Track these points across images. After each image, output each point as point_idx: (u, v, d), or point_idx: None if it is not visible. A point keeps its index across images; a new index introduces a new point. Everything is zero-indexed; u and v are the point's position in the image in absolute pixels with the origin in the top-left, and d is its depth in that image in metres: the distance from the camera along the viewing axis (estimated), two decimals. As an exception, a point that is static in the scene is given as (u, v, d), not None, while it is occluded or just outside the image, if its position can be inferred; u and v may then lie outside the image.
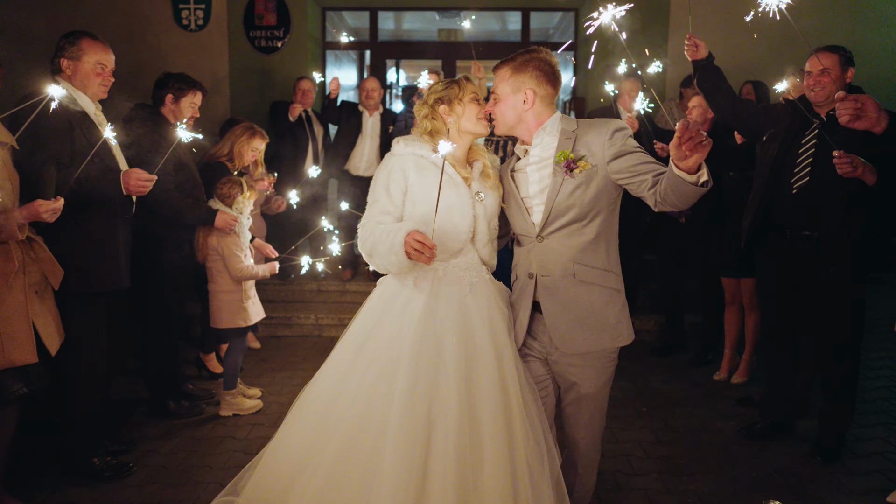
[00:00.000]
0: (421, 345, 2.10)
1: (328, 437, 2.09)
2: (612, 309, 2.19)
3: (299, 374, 4.44)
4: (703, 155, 1.79)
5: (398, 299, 2.21)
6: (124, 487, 2.93)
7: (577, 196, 2.11)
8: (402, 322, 2.15)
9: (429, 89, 2.34)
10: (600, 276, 2.18)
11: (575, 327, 2.17)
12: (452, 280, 2.22)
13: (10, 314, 2.42)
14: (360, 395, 2.09)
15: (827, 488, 2.93)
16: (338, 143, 5.71)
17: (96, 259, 2.89)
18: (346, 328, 2.32)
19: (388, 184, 2.22)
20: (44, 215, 2.41)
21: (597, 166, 2.11)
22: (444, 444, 1.98)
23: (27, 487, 2.82)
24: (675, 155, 1.82)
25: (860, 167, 2.68)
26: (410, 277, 2.22)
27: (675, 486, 2.97)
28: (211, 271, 3.79)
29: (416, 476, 1.93)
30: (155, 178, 2.96)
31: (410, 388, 2.03)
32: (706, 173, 1.87)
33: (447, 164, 2.18)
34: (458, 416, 2.01)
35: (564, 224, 2.15)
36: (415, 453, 1.96)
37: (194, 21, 7.21)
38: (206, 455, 3.25)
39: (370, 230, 2.19)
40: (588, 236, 2.15)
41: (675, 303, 4.90)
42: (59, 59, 2.94)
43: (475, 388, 2.08)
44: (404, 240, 2.03)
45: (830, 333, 3.16)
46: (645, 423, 3.66)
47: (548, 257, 2.19)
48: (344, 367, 2.20)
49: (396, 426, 1.99)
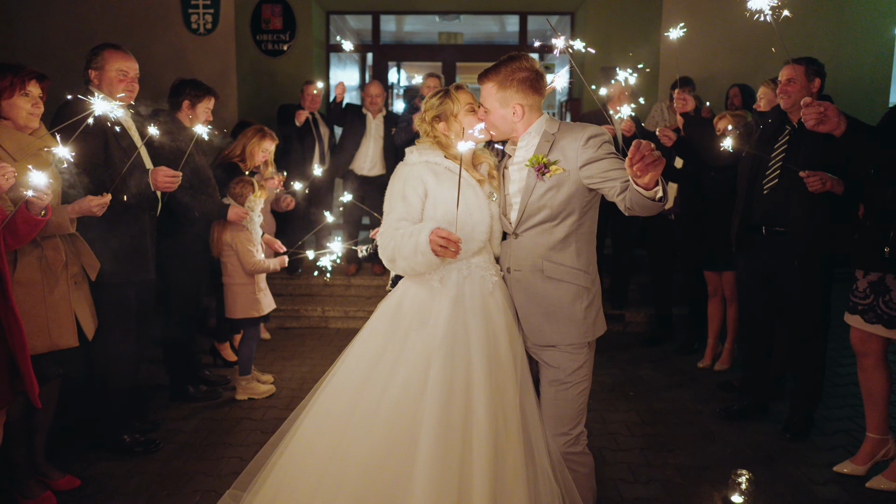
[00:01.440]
0: (453, 341, 2.15)
1: (354, 442, 2.10)
2: (580, 305, 2.26)
3: (308, 362, 4.72)
4: (656, 173, 1.84)
5: (423, 300, 2.25)
6: (153, 461, 3.21)
7: (549, 198, 2.21)
8: (432, 322, 2.20)
9: (425, 104, 2.40)
10: (569, 273, 2.25)
11: (543, 320, 2.27)
12: (476, 279, 2.28)
13: (57, 302, 2.70)
14: (388, 400, 2.12)
15: (793, 461, 3.21)
16: (343, 144, 5.98)
17: (126, 252, 3.16)
18: (364, 327, 2.36)
19: (404, 191, 2.28)
20: (94, 209, 2.69)
21: (569, 171, 2.18)
22: (479, 451, 2.02)
23: (64, 461, 3.09)
24: (629, 173, 1.87)
25: (828, 182, 2.97)
26: (435, 278, 2.26)
27: (656, 459, 3.25)
28: (225, 265, 4.06)
29: (454, 482, 1.98)
30: (180, 175, 3.22)
31: (444, 394, 2.07)
32: (661, 190, 1.94)
33: (461, 168, 2.24)
34: (492, 419, 2.07)
35: (536, 223, 2.25)
36: (451, 464, 1.99)
37: (203, 25, 7.46)
38: (225, 433, 3.53)
39: (389, 237, 2.22)
40: (558, 236, 2.24)
41: (663, 296, 5.18)
42: (87, 71, 3.20)
43: (502, 391, 2.15)
44: (429, 238, 2.04)
45: (799, 322, 3.43)
46: (631, 405, 3.94)
47: (520, 253, 2.30)
48: (366, 367, 2.23)
49: (430, 434, 2.02)
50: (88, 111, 2.39)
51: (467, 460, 2.03)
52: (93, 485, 2.97)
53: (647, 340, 5.19)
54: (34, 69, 2.63)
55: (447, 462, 2.00)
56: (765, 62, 5.95)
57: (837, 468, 3.09)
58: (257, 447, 3.27)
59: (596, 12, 7.45)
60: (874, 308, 2.97)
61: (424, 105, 2.41)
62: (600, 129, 2.22)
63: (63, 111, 3.00)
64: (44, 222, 2.41)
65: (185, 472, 3.10)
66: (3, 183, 2.19)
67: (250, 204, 4.02)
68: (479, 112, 2.34)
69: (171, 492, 2.94)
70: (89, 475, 3.03)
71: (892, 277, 2.90)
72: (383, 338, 2.27)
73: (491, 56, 11.32)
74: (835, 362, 4.57)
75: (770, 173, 3.35)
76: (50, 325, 2.68)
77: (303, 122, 5.71)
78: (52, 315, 2.69)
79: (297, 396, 4.06)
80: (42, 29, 7.30)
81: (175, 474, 3.09)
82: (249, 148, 4.35)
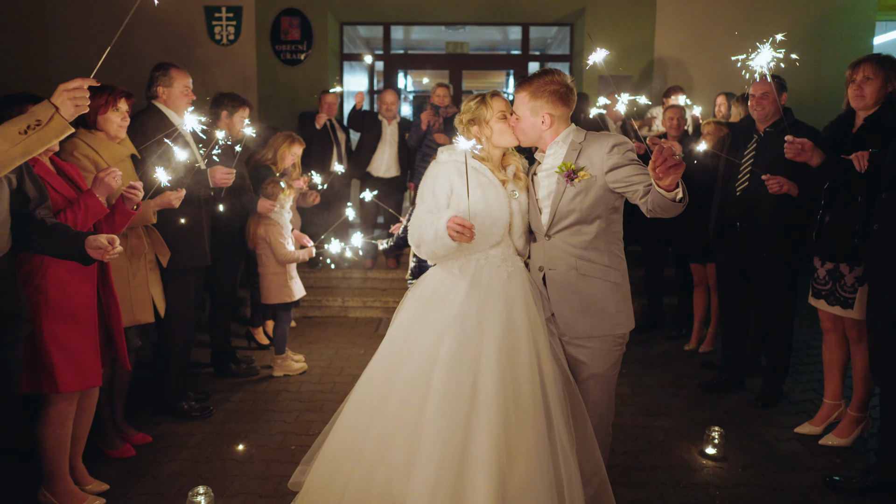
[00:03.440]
0: (465, 318, 2.35)
1: (388, 396, 2.38)
2: (612, 300, 2.44)
3: (332, 345, 5.23)
4: (677, 176, 2.01)
5: (444, 285, 2.48)
6: (209, 423, 3.72)
7: (578, 202, 2.39)
8: (448, 302, 2.42)
9: (463, 107, 2.62)
10: (601, 270, 2.43)
11: (577, 315, 2.44)
12: (492, 268, 2.47)
13: (138, 284, 3.21)
14: (406, 372, 2.37)
15: (762, 424, 3.72)
16: (361, 148, 6.51)
17: (188, 241, 3.65)
18: (398, 310, 2.61)
19: (433, 188, 2.50)
20: (174, 202, 3.19)
21: (596, 176, 2.36)
22: (486, 412, 2.20)
23: (134, 423, 3.59)
24: (652, 175, 2.05)
25: (785, 185, 3.47)
26: (456, 266, 2.48)
27: (643, 422, 3.76)
28: (260, 257, 4.57)
29: (458, 442, 2.18)
30: (234, 171, 3.72)
31: (456, 355, 2.28)
32: (682, 191, 2.10)
33: (486, 169, 2.51)
34: (502, 387, 2.23)
35: (567, 225, 2.43)
36: (457, 419, 2.19)
37: (226, 36, 7.97)
38: (268, 403, 4.04)
39: (416, 225, 2.46)
40: (589, 236, 2.41)
41: (655, 287, 5.69)
42: (155, 88, 3.69)
43: (516, 363, 2.31)
44: (446, 225, 2.26)
45: (769, 306, 3.94)
46: (623, 381, 4.44)
47: (554, 253, 2.47)
48: (396, 346, 2.48)
49: (440, 389, 2.24)
50: (171, 128, 2.90)
51: (473, 429, 2.19)
52: (162, 441, 3.48)
53: (641, 328, 5.68)
54: (124, 89, 3.14)
55: (452, 431, 2.18)
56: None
57: (798, 429, 3.60)
58: (297, 413, 3.83)
59: (594, 24, 7.96)
60: (834, 293, 3.47)
61: (464, 107, 2.62)
62: (623, 138, 2.43)
63: (136, 121, 3.49)
64: (136, 215, 2.92)
65: (238, 432, 3.61)
66: (114, 184, 2.70)
67: (280, 202, 4.52)
68: (511, 119, 2.53)
69: (230, 445, 3.45)
70: (157, 434, 3.54)
71: (845, 266, 3.40)
72: (411, 318, 2.51)
73: (495, 66, 11.81)
74: (807, 345, 5.07)
75: (741, 177, 3.86)
76: (133, 303, 3.19)
77: (322, 125, 6.23)
78: (134, 295, 3.20)
79: (326, 373, 4.58)
80: (78, 44, 7.77)
81: (229, 433, 3.60)
82: (280, 152, 4.85)
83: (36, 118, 1.92)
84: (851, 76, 3.22)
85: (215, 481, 3.04)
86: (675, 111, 5.16)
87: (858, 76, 3.17)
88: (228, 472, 3.16)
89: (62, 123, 1.97)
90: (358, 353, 4.93)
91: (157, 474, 3.13)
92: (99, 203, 2.67)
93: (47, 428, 2.65)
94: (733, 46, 2.88)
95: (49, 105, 1.97)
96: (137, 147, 3.33)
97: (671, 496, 2.99)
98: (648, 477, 3.16)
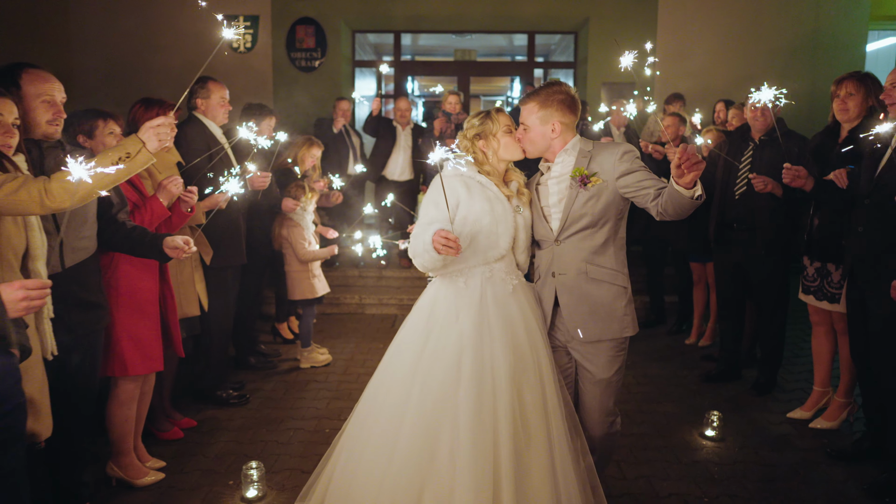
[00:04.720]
0: (480, 340, 2.38)
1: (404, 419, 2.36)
2: (620, 303, 2.52)
3: (353, 340, 5.53)
4: (698, 173, 2.11)
5: (452, 298, 2.49)
6: (247, 409, 4.03)
7: (589, 206, 2.46)
8: (461, 318, 2.43)
9: (467, 123, 2.63)
10: (609, 274, 2.51)
11: (588, 318, 2.50)
12: (497, 281, 2.50)
13: (186, 280, 3.51)
14: (431, 387, 2.36)
15: (757, 410, 4.03)
16: (376, 152, 6.83)
17: (227, 241, 3.95)
18: (404, 324, 2.62)
19: (437, 199, 2.45)
20: (221, 203, 3.50)
21: (607, 182, 2.45)
22: (504, 432, 2.25)
23: (179, 409, 3.89)
24: (674, 173, 2.14)
25: (769, 185, 3.77)
26: (462, 279, 2.50)
27: (648, 409, 4.07)
28: (285, 256, 4.88)
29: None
30: (270, 175, 4.02)
31: (476, 379, 2.30)
32: (700, 189, 2.19)
33: (491, 183, 2.53)
34: (512, 416, 2.27)
35: (578, 230, 2.49)
36: (486, 445, 2.22)
37: (243, 44, 8.29)
38: (298, 391, 4.35)
39: (414, 235, 2.48)
40: (598, 241, 2.49)
41: (656, 285, 6.00)
42: (195, 100, 4.00)
43: (521, 380, 2.36)
44: (432, 238, 2.27)
45: (764, 301, 4.25)
46: (628, 371, 4.72)
47: (564, 258, 2.52)
48: (411, 358, 2.47)
49: (468, 416, 2.26)
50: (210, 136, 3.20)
51: (497, 441, 2.24)
52: (205, 425, 3.78)
53: (643, 325, 5.97)
54: (172, 102, 3.44)
55: (483, 444, 2.21)
56: (746, 81, 6.76)
57: (790, 414, 3.91)
58: (326, 401, 4.11)
59: (596, 31, 8.27)
60: (822, 289, 3.78)
61: (467, 124, 2.64)
62: (630, 145, 2.55)
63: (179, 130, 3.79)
64: (190, 216, 3.22)
65: (275, 417, 3.92)
66: (175, 190, 3.00)
67: (304, 203, 4.82)
68: (518, 131, 2.60)
69: (269, 428, 3.76)
70: (200, 419, 3.85)
71: (832, 264, 3.70)
72: (423, 331, 2.49)
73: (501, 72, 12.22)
74: (800, 339, 5.38)
75: (739, 181, 4.17)
76: (181, 298, 3.49)
77: (339, 129, 6.55)
78: (182, 290, 3.50)
79: (350, 365, 4.88)
80: (101, 55, 8.08)
81: (266, 418, 3.90)
82: (300, 155, 5.15)
83: (126, 151, 2.22)
84: (836, 91, 3.53)
85: (260, 459, 3.33)
86: (674, 119, 5.46)
87: (842, 92, 3.48)
88: (270, 452, 3.47)
89: (147, 156, 2.28)
90: (377, 347, 5.22)
91: (206, 453, 3.44)
92: (162, 206, 2.98)
93: (116, 408, 2.95)
94: (732, 55, 3.20)
95: (137, 140, 2.27)
96: (182, 155, 3.64)
97: (674, 472, 3.30)
98: (653, 455, 3.46)
